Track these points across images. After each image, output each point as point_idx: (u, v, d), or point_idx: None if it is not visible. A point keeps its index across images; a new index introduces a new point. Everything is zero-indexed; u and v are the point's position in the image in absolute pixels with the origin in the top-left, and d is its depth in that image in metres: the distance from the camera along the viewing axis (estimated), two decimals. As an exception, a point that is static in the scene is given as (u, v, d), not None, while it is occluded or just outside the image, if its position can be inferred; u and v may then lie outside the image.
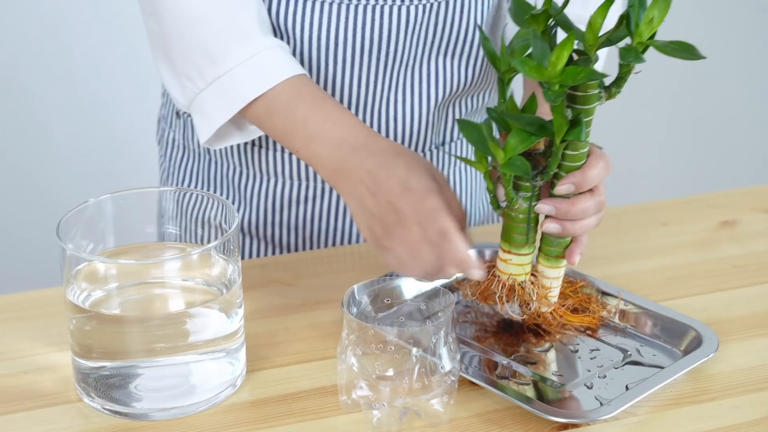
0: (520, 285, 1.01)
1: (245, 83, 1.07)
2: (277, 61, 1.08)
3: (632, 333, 1.06)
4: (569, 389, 0.97)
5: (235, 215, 0.96)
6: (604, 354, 1.03)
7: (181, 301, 0.97)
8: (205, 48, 1.08)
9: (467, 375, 0.97)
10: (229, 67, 1.07)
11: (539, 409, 0.92)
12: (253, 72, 1.07)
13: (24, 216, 2.33)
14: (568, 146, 0.97)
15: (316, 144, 1.05)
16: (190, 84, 1.09)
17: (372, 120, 1.20)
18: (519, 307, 1.02)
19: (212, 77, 1.08)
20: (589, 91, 0.95)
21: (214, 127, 1.09)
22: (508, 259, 1.01)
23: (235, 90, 1.07)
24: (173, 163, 1.31)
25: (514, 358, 1.01)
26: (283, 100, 1.07)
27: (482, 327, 1.07)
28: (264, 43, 1.08)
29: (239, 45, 1.07)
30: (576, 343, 1.04)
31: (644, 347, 1.04)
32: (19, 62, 2.26)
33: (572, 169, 0.98)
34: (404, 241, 0.98)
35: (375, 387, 0.93)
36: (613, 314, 1.07)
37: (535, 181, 0.98)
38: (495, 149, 0.95)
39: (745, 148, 2.82)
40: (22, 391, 0.98)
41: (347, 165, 1.03)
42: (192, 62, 1.08)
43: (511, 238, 1.00)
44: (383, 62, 1.17)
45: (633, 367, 1.01)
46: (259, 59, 1.07)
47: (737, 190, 1.37)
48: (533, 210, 0.99)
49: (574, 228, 1.00)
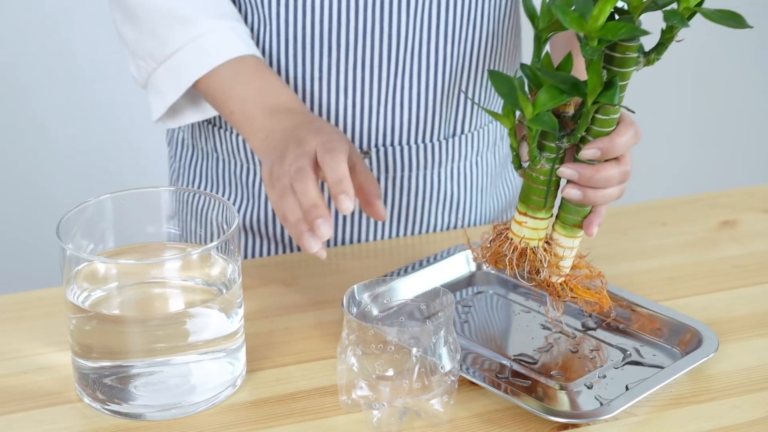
0: (533, 250, 0.98)
1: (193, 62, 1.13)
2: (225, 42, 1.13)
3: (632, 333, 1.06)
4: (569, 389, 0.97)
5: (235, 215, 0.96)
6: (603, 354, 1.03)
7: (181, 301, 0.97)
8: (154, 31, 1.14)
9: (467, 375, 0.97)
10: (176, 47, 1.14)
11: (539, 409, 0.92)
12: (199, 51, 1.13)
13: (24, 216, 2.33)
14: (599, 110, 0.93)
15: (251, 105, 1.09)
16: (143, 64, 1.17)
17: (380, 107, 1.20)
18: (528, 273, 0.98)
19: (162, 57, 1.15)
20: (628, 53, 0.91)
21: (167, 104, 1.16)
22: (523, 221, 0.98)
23: (183, 68, 1.14)
24: (183, 164, 1.32)
25: (514, 358, 1.01)
26: (230, 66, 1.12)
27: (482, 326, 1.07)
28: (208, 25, 1.13)
29: (184, 28, 1.13)
30: (576, 343, 1.04)
31: (644, 347, 1.04)
32: (19, 62, 2.25)
33: (601, 134, 0.95)
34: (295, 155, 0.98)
35: (375, 387, 0.93)
36: (613, 314, 1.07)
37: (561, 142, 0.95)
38: (524, 102, 0.92)
39: (745, 148, 2.82)
40: (22, 391, 0.98)
41: (275, 124, 1.06)
42: (143, 45, 1.16)
43: (529, 199, 0.97)
44: (386, 44, 1.17)
45: (633, 367, 1.01)
46: (205, 39, 1.13)
47: (737, 190, 1.37)
48: (555, 173, 0.96)
49: (596, 196, 0.96)
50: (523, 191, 0.98)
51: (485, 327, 1.07)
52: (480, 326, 1.07)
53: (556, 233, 0.99)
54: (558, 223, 0.99)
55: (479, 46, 1.21)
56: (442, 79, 1.21)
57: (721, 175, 2.78)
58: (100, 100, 2.32)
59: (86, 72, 2.30)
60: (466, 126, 1.26)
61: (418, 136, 1.23)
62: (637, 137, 0.97)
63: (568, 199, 0.97)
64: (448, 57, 1.20)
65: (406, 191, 1.25)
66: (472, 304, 1.10)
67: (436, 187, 1.26)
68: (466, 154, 1.27)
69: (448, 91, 1.22)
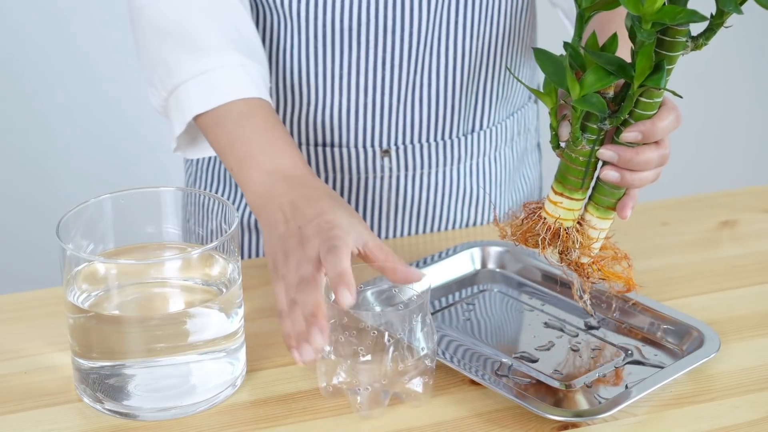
0: (566, 230, 0.98)
1: (195, 97, 1.08)
2: (234, 80, 1.08)
3: (634, 332, 1.06)
4: (569, 388, 0.97)
5: (235, 215, 0.96)
6: (605, 353, 1.03)
7: (181, 301, 0.97)
8: (164, 59, 1.09)
9: (468, 373, 0.97)
10: (182, 79, 1.08)
11: (539, 408, 0.92)
12: (204, 87, 1.07)
13: (24, 216, 2.33)
14: (644, 93, 0.93)
15: (251, 166, 1.04)
16: (156, 92, 1.12)
17: (398, 105, 1.20)
18: (559, 254, 0.98)
19: (170, 87, 1.09)
20: (677, 37, 0.90)
21: (174, 136, 1.12)
22: (559, 201, 0.97)
23: (185, 103, 1.08)
24: (200, 167, 1.32)
25: (515, 356, 1.01)
26: (233, 116, 1.06)
27: (485, 324, 1.07)
28: (222, 59, 1.08)
29: (194, 58, 1.08)
30: (577, 342, 1.04)
31: (646, 347, 1.03)
32: (21, 61, 2.25)
33: (643, 117, 0.94)
34: (295, 264, 0.94)
35: (353, 372, 0.93)
36: (614, 313, 1.07)
37: (603, 124, 0.94)
38: (572, 82, 0.91)
39: (745, 148, 2.82)
40: (22, 391, 0.98)
41: (274, 191, 1.01)
42: (154, 71, 1.10)
43: (566, 180, 0.96)
44: (407, 42, 1.17)
45: (634, 367, 1.01)
46: (213, 75, 1.07)
47: (737, 190, 1.37)
48: (594, 154, 0.96)
49: (633, 179, 0.96)
50: (560, 171, 0.97)
51: (487, 325, 1.07)
52: (482, 324, 1.07)
53: (588, 215, 0.98)
54: (591, 205, 0.98)
55: (496, 42, 1.21)
56: (461, 75, 1.21)
57: (721, 175, 2.78)
58: (100, 100, 2.32)
59: (88, 72, 2.30)
60: (484, 122, 1.26)
61: (437, 134, 1.23)
62: (678, 122, 0.96)
63: (605, 181, 0.97)
64: (466, 53, 1.20)
65: (425, 188, 1.26)
66: (475, 302, 1.10)
67: (454, 183, 1.27)
68: (485, 150, 1.27)
69: (467, 87, 1.22)
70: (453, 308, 1.10)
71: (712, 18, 0.91)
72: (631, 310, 1.07)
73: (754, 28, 2.68)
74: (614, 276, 0.99)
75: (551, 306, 1.10)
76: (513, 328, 1.07)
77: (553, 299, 1.11)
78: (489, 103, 1.25)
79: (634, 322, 1.06)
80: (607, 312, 1.08)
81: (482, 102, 1.25)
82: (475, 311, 1.09)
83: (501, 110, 1.27)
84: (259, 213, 1.02)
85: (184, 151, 1.16)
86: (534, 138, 1.38)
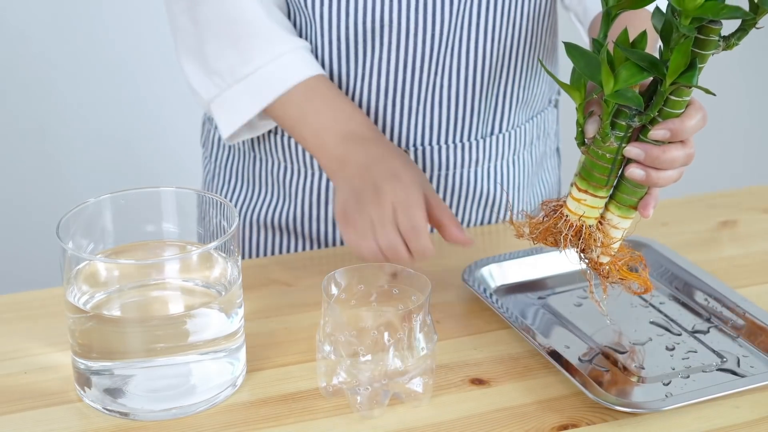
0: (589, 228, 0.97)
1: (273, 80, 1.15)
2: (301, 61, 1.16)
3: (743, 342, 1.04)
4: (641, 382, 0.98)
5: (235, 215, 0.97)
6: (699, 356, 1.02)
7: (181, 301, 0.97)
8: (237, 47, 1.16)
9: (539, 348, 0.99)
10: (258, 65, 1.15)
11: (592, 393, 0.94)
12: (279, 70, 1.15)
13: (24, 216, 2.33)
14: (674, 91, 0.92)
15: (326, 133, 1.13)
16: (220, 81, 1.17)
17: (419, 107, 1.21)
18: (580, 252, 0.98)
19: (242, 75, 1.16)
20: (711, 36, 0.90)
21: (243, 121, 1.18)
22: (583, 198, 0.97)
23: (263, 86, 1.15)
24: (219, 164, 1.33)
25: (606, 346, 1.02)
26: (300, 92, 1.15)
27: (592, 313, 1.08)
28: (289, 44, 1.16)
29: (267, 45, 1.15)
30: (676, 342, 1.04)
31: (748, 357, 1.02)
32: (20, 61, 2.25)
33: (671, 115, 0.93)
34: (373, 217, 1.03)
35: (353, 372, 0.93)
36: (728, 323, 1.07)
37: (632, 121, 0.94)
38: (607, 77, 0.91)
39: (745, 148, 2.82)
40: (22, 391, 0.98)
41: (349, 153, 1.11)
42: (225, 60, 1.16)
43: (591, 177, 0.96)
44: (428, 44, 1.18)
45: (721, 374, 1.00)
46: (285, 59, 1.16)
47: (737, 190, 1.37)
48: (621, 152, 0.95)
49: (658, 177, 0.96)
50: (585, 169, 0.96)
51: (593, 313, 1.08)
52: (589, 311, 1.08)
53: (610, 214, 0.98)
54: (613, 204, 0.98)
55: (518, 45, 1.21)
56: (481, 78, 1.21)
57: (721, 175, 2.78)
58: (99, 100, 2.32)
59: (88, 73, 2.30)
60: (503, 125, 1.26)
61: (456, 135, 1.24)
62: (705, 121, 0.96)
63: (630, 179, 0.96)
64: (486, 56, 1.20)
65: (443, 190, 1.26)
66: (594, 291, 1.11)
67: (473, 185, 1.27)
68: (504, 153, 1.27)
69: (487, 90, 1.22)
70: (569, 293, 1.12)
71: (744, 20, 0.91)
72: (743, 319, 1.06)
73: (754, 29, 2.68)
74: (633, 276, 0.99)
75: (673, 303, 1.10)
76: (618, 319, 1.07)
77: (675, 298, 1.11)
78: (509, 106, 1.25)
79: (746, 333, 1.05)
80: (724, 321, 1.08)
81: (502, 105, 1.25)
82: (589, 299, 1.10)
83: (521, 114, 1.27)
84: (335, 172, 1.11)
85: (239, 135, 1.22)
86: (553, 142, 1.38)
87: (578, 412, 0.95)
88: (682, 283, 1.12)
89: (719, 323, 1.07)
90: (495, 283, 1.12)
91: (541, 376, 1.00)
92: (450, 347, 1.04)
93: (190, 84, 1.20)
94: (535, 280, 1.14)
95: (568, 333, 1.05)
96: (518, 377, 1.00)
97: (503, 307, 1.06)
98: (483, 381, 0.99)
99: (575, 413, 0.95)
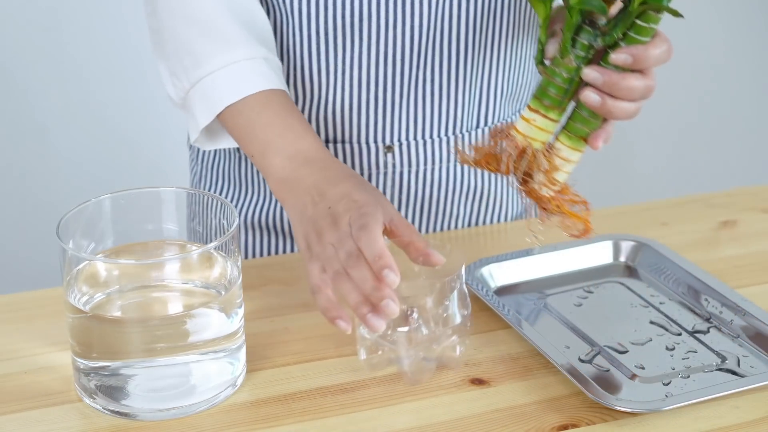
0: (534, 151, 0.95)
1: (224, 87, 1.09)
2: (258, 72, 1.10)
3: (743, 342, 1.04)
4: (641, 382, 0.98)
5: (235, 215, 0.96)
6: (699, 356, 1.02)
7: (181, 301, 0.97)
8: (191, 49, 1.11)
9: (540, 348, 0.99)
10: (211, 69, 1.10)
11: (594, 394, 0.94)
12: (232, 78, 1.09)
13: (24, 216, 2.33)
14: (641, 15, 0.90)
15: (272, 152, 1.06)
16: (178, 82, 1.13)
17: (402, 101, 1.20)
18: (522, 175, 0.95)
19: (196, 78, 1.11)
20: None
21: (199, 127, 1.12)
22: (532, 119, 0.94)
23: (214, 93, 1.10)
24: (205, 165, 1.32)
25: (605, 346, 1.02)
26: (250, 104, 1.08)
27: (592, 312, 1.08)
28: (247, 52, 1.10)
29: (222, 50, 1.09)
30: (676, 342, 1.04)
31: (748, 357, 1.02)
32: (20, 61, 2.25)
33: (636, 41, 0.91)
34: (333, 243, 0.96)
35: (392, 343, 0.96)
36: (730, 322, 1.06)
37: (595, 41, 0.92)
38: None
39: (745, 148, 2.82)
40: (22, 391, 0.98)
41: (297, 176, 1.03)
42: (180, 61, 1.11)
43: (545, 95, 0.94)
44: (409, 37, 1.17)
45: (721, 374, 0.99)
46: (240, 67, 1.09)
47: (737, 190, 1.37)
48: (579, 74, 0.93)
49: (614, 106, 0.94)
50: (540, 88, 0.95)
51: (594, 312, 1.08)
52: (590, 311, 1.08)
53: (559, 143, 0.96)
54: (564, 133, 0.96)
55: (501, 37, 1.21)
56: (464, 71, 1.20)
57: (721, 175, 2.78)
58: (100, 100, 2.32)
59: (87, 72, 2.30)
60: (490, 118, 1.25)
61: (440, 130, 1.23)
62: (670, 54, 0.94)
63: (585, 104, 0.94)
64: (469, 48, 1.20)
65: (429, 184, 1.25)
66: (594, 290, 1.11)
67: (459, 179, 1.26)
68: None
69: (471, 83, 1.22)
70: (569, 293, 1.11)
71: None
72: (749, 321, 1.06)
73: (754, 28, 2.68)
74: (573, 215, 0.97)
75: (673, 303, 1.10)
76: (618, 319, 1.07)
77: (675, 298, 1.11)
78: (494, 99, 1.25)
79: (746, 333, 1.05)
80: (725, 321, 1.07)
81: (487, 97, 1.24)
82: (589, 299, 1.10)
83: (506, 106, 1.27)
84: (285, 198, 1.03)
85: (203, 144, 1.17)
86: None
87: (578, 412, 0.95)
88: (681, 282, 1.12)
89: (719, 323, 1.07)
90: (495, 283, 1.12)
91: (541, 376, 1.00)
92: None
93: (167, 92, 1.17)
94: (535, 280, 1.14)
95: (568, 333, 1.05)
96: (518, 377, 1.00)
97: (503, 307, 1.06)
98: (483, 381, 1.00)
99: (575, 413, 0.95)
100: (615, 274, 1.15)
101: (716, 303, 1.08)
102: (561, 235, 1.11)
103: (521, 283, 1.13)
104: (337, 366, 1.01)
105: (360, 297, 0.93)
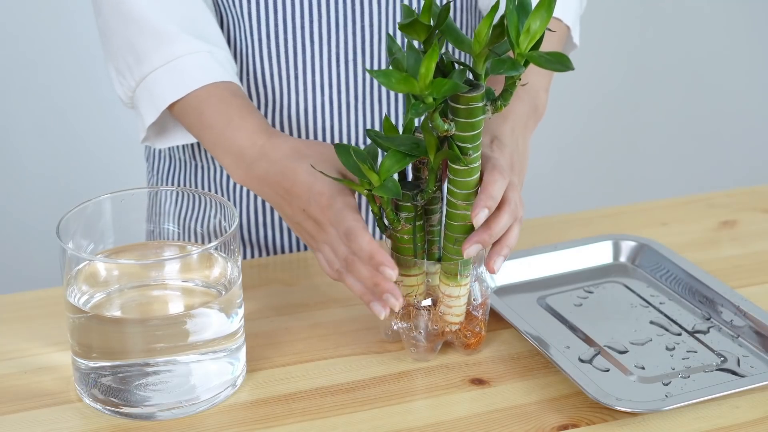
0: (414, 306, 0.99)
1: (165, 84, 1.09)
2: (200, 66, 1.09)
3: (743, 342, 1.04)
4: (641, 382, 0.98)
5: (235, 215, 0.97)
6: (699, 356, 1.02)
7: (181, 301, 0.97)
8: (132, 46, 1.10)
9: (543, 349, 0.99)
10: (153, 67, 1.09)
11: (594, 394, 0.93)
12: (173, 74, 1.09)
13: (24, 216, 2.33)
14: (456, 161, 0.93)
15: (220, 151, 1.07)
16: (125, 81, 1.12)
17: (358, 103, 1.19)
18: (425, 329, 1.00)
19: (139, 76, 1.11)
20: (472, 104, 0.90)
21: (145, 126, 1.12)
22: (399, 281, 0.99)
23: (157, 91, 1.09)
24: (161, 176, 1.30)
25: (605, 346, 1.02)
26: (192, 102, 1.08)
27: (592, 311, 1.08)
28: (187, 47, 1.09)
29: (160, 46, 1.09)
30: (676, 342, 1.04)
31: (748, 357, 1.02)
32: (19, 61, 2.25)
33: (465, 185, 0.94)
34: (327, 243, 0.99)
35: (410, 318, 0.99)
36: (730, 322, 1.07)
37: (416, 201, 0.96)
38: (368, 173, 0.93)
39: (745, 148, 2.82)
40: (22, 391, 0.98)
41: (255, 174, 1.04)
42: (123, 59, 1.11)
43: (400, 260, 0.98)
44: (360, 37, 1.16)
45: (721, 374, 0.99)
46: (181, 62, 1.09)
47: (737, 190, 1.37)
48: (419, 230, 0.98)
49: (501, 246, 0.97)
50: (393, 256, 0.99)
51: (595, 312, 1.08)
52: (590, 311, 1.08)
53: (441, 284, 0.99)
54: (442, 274, 0.99)
55: None
56: None
57: (721, 175, 2.78)
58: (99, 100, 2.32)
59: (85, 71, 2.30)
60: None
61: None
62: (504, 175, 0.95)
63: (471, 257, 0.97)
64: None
65: None
66: (594, 290, 1.11)
67: None
68: None
69: None
70: (569, 293, 1.12)
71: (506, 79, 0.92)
72: (747, 321, 1.06)
73: (754, 28, 2.68)
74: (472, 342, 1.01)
75: (673, 303, 1.10)
76: (618, 319, 1.07)
77: (675, 298, 1.11)
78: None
79: (746, 333, 1.05)
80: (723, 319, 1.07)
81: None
82: (589, 299, 1.10)
83: None
84: (259, 194, 1.05)
85: (153, 142, 1.16)
86: None
87: (578, 412, 0.95)
88: (682, 283, 1.12)
89: (719, 323, 1.07)
90: (495, 283, 1.12)
91: (541, 376, 1.00)
92: (450, 347, 1.04)
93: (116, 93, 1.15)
94: (535, 280, 1.14)
95: (568, 333, 1.05)
96: (518, 377, 1.00)
97: (503, 307, 1.06)
98: (483, 381, 1.00)
99: (575, 413, 0.95)
100: (615, 274, 1.15)
101: (716, 303, 1.08)
102: (561, 236, 1.11)
103: (521, 283, 1.13)
104: (337, 366, 1.01)
105: (363, 288, 0.97)
